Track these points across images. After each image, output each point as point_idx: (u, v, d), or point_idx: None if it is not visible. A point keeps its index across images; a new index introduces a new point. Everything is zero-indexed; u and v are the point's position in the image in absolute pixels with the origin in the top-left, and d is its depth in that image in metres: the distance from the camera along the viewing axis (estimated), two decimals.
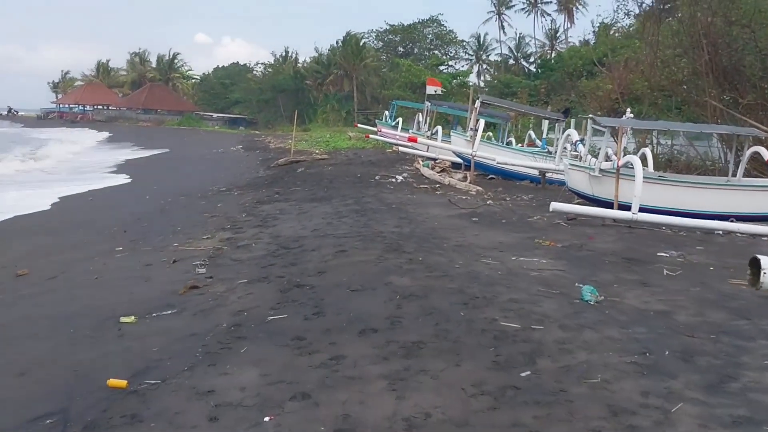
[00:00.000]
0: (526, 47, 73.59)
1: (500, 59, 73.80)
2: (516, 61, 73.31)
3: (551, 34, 73.52)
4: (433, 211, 12.00)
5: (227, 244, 9.58)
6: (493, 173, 18.30)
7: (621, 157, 11.79)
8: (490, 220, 10.96)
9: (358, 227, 9.91)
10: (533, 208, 12.84)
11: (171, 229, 11.91)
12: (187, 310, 6.06)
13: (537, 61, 69.07)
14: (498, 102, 19.21)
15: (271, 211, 12.58)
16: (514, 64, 72.23)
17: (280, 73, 72.94)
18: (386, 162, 24.03)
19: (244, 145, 40.62)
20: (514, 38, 74.09)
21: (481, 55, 75.13)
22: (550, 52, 71.62)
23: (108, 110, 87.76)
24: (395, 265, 6.91)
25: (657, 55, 19.61)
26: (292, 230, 10.19)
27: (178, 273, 7.87)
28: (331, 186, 16.18)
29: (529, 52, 73.67)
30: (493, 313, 4.98)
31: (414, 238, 8.96)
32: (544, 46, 74.34)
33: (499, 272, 6.71)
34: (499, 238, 9.26)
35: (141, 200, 17.43)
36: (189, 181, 21.62)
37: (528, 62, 72.56)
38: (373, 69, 67.03)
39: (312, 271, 7.02)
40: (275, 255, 8.23)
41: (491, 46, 74.44)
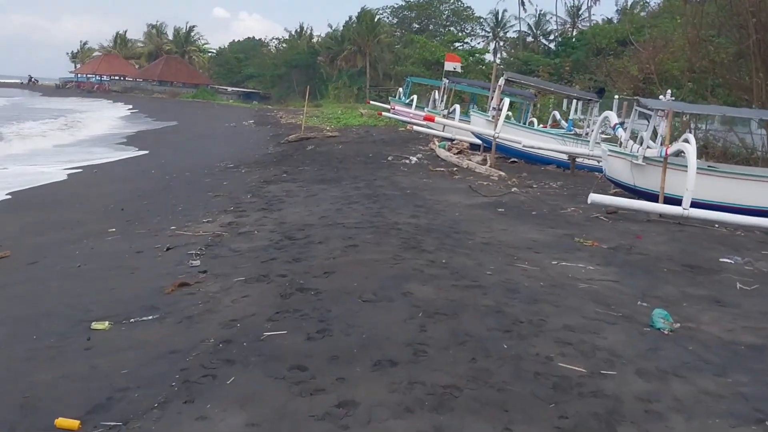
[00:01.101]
0: (546, 25, 71.52)
1: (518, 36, 71.95)
2: (535, 38, 71.41)
3: (573, 11, 71.50)
4: (452, 198, 10.98)
5: (228, 229, 8.65)
6: (516, 156, 17.18)
7: (669, 144, 10.64)
8: (517, 212, 9.93)
9: (369, 216, 8.93)
10: (565, 198, 11.77)
11: (171, 208, 11.02)
12: (172, 315, 5.14)
13: (557, 39, 67.28)
14: (524, 79, 17.97)
15: (278, 193, 11.63)
16: (532, 42, 70.34)
17: (295, 48, 72.41)
18: (399, 141, 22.93)
19: (256, 120, 39.65)
20: (533, 15, 71.92)
21: (499, 32, 73.28)
22: (572, 30, 69.81)
23: (124, 81, 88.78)
24: (414, 268, 5.93)
25: (698, 34, 18.20)
26: (298, 216, 9.24)
27: (170, 264, 6.96)
28: (341, 166, 15.17)
29: (549, 29, 71.65)
30: (547, 347, 3.97)
31: (433, 231, 7.96)
32: (566, 24, 72.35)
33: (541, 283, 5.71)
34: (532, 235, 8.24)
35: (146, 175, 16.56)
36: (197, 155, 20.74)
37: (548, 40, 70.69)
38: (387, 45, 65.68)
39: (318, 270, 6.07)
40: (278, 246, 7.28)
41: (509, 23, 72.42)
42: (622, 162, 11.52)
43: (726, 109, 13.19)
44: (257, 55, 78.78)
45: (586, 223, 9.50)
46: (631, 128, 12.05)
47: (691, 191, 9.89)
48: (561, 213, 10.20)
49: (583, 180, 14.81)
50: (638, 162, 11.17)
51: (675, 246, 8.32)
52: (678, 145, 10.87)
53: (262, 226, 8.65)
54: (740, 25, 17.94)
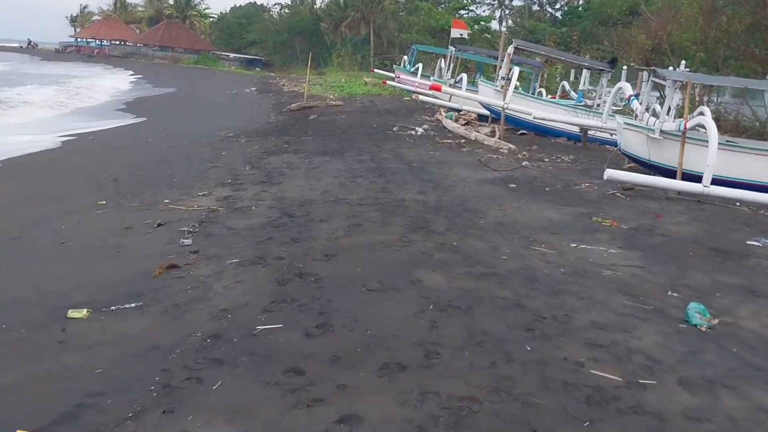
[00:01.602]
0: None
1: (524, 5, 70.51)
2: (541, 7, 70.05)
3: None
4: (461, 172, 10.45)
5: (224, 204, 8.16)
6: (525, 128, 16.56)
7: (688, 117, 10.05)
8: (530, 188, 9.41)
9: (374, 192, 8.42)
10: (578, 173, 11.23)
11: (166, 180, 10.51)
12: (157, 302, 4.69)
13: (564, 8, 66.10)
14: (534, 48, 17.23)
15: (278, 165, 11.11)
16: (538, 11, 68.97)
17: (297, 14, 70.90)
18: (404, 111, 22.26)
19: (258, 88, 38.82)
20: None
21: (504, 0, 71.82)
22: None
23: (124, 46, 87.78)
24: (423, 252, 5.45)
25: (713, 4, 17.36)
26: (299, 191, 8.74)
27: (160, 242, 6.49)
28: (344, 137, 14.60)
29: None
30: (575, 350, 3.51)
31: (442, 210, 7.47)
32: None
33: (561, 270, 5.23)
34: (547, 214, 7.74)
35: (143, 143, 15.98)
36: (197, 124, 20.13)
37: (554, 9, 69.37)
38: (391, 12, 64.24)
39: (319, 252, 5.59)
40: (277, 225, 6.80)
41: None
42: (638, 135, 10.94)
43: (746, 81, 12.54)
44: (259, 20, 77.27)
45: (602, 201, 8.99)
46: (647, 100, 11.41)
47: (712, 167, 9.36)
48: (575, 189, 9.68)
49: (595, 153, 14.23)
50: (655, 136, 10.61)
51: (698, 227, 7.82)
52: (698, 118, 10.29)
53: (260, 201, 8.16)
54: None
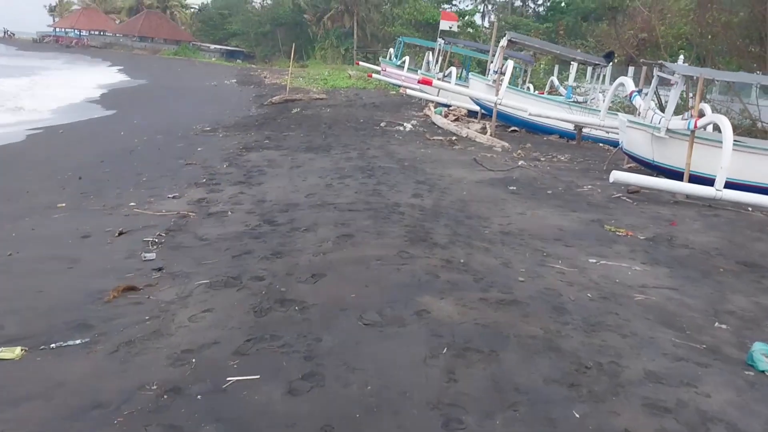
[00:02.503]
0: None
1: (507, 0, 70.14)
2: (523, 2, 69.81)
3: None
4: (456, 172, 9.70)
5: (196, 208, 7.31)
6: (516, 125, 15.87)
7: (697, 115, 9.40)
8: (531, 190, 8.68)
9: (365, 194, 7.63)
10: (578, 174, 10.55)
11: (135, 179, 9.62)
12: (107, 338, 3.85)
13: (546, 4, 65.99)
14: (529, 41, 16.51)
15: (259, 162, 10.26)
16: (521, 6, 68.69)
17: (280, 5, 69.54)
18: (390, 105, 21.46)
19: (239, 79, 37.70)
20: None
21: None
22: None
23: (104, 36, 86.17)
24: (427, 271, 4.68)
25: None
26: (281, 192, 7.91)
27: (119, 255, 5.64)
28: (329, 132, 13.77)
29: None
30: (636, 416, 2.75)
31: (442, 216, 6.70)
32: None
33: (588, 294, 4.50)
34: (555, 220, 7.02)
35: (115, 137, 14.98)
36: (173, 116, 19.12)
37: (536, 4, 69.17)
38: (375, 5, 63.27)
39: (304, 270, 4.79)
40: (255, 234, 5.98)
41: None
42: (642, 134, 10.29)
43: (762, 78, 11.93)
44: (241, 11, 75.75)
45: (609, 205, 8.31)
46: (651, 96, 10.76)
47: (726, 170, 8.73)
48: (579, 192, 8.98)
49: (591, 152, 13.59)
50: (660, 135, 9.96)
51: (717, 236, 7.17)
52: (711, 116, 9.65)
53: (237, 205, 7.32)
54: None
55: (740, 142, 10.27)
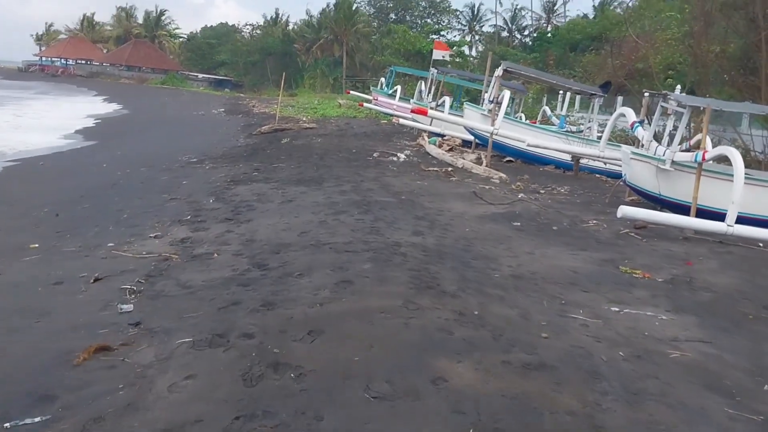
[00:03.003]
0: (522, 20, 71.35)
1: (494, 31, 71.30)
2: (510, 33, 70.95)
3: (548, 7, 71.48)
4: (455, 206, 9.26)
5: (180, 249, 6.78)
6: (512, 155, 15.56)
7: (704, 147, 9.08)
8: (536, 227, 8.25)
9: (363, 232, 7.14)
10: (580, 207, 10.16)
11: (115, 215, 9.08)
12: (72, 414, 3.29)
13: (532, 35, 67.06)
14: (524, 70, 16.30)
15: (247, 196, 9.76)
16: (507, 36, 69.70)
17: (270, 35, 70.02)
18: (382, 135, 21.14)
19: (227, 109, 37.40)
20: (510, 10, 71.98)
21: (475, 25, 72.71)
22: (546, 26, 69.63)
23: (90, 65, 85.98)
24: (439, 327, 4.18)
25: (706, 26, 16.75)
26: (271, 231, 7.41)
27: (94, 306, 5.08)
28: (321, 163, 13.33)
29: (525, 24, 71.54)
30: None
31: (446, 257, 6.22)
32: (540, 19, 72.28)
33: (620, 352, 4.02)
34: (566, 261, 6.57)
35: (97, 169, 14.47)
36: (158, 147, 18.67)
37: (522, 35, 70.28)
38: (364, 35, 63.84)
39: (300, 326, 4.27)
40: (244, 281, 5.45)
41: (485, 16, 72.25)
42: (646, 167, 9.96)
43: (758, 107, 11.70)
44: (230, 41, 76.08)
45: (619, 243, 7.88)
46: (655, 128, 10.46)
47: (738, 205, 8.37)
48: (585, 228, 8.56)
49: (590, 183, 13.26)
50: (665, 167, 9.63)
51: (737, 276, 6.75)
52: (720, 149, 9.35)
53: (224, 246, 6.80)
54: (749, 17, 16.58)
55: (751, 176, 9.96)
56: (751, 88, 16.70)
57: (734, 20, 16.59)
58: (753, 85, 16.53)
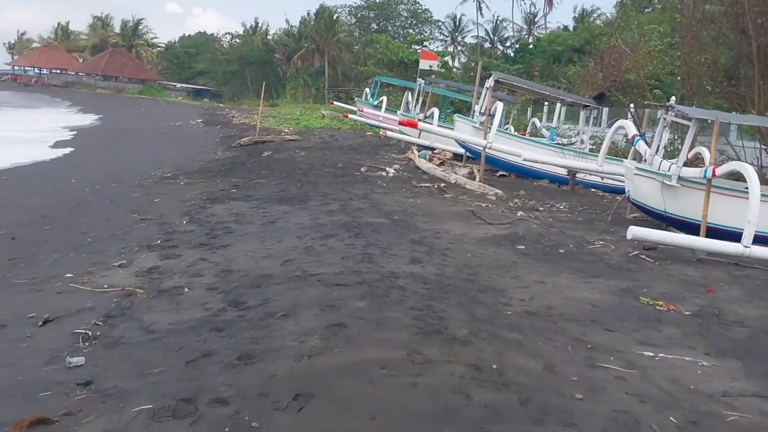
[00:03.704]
0: (503, 31, 71.70)
1: (476, 42, 71.45)
2: (492, 44, 71.18)
3: (530, 18, 71.99)
4: (453, 227, 8.57)
5: (146, 282, 5.99)
6: (505, 169, 14.96)
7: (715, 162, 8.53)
8: (541, 250, 7.58)
9: (354, 260, 6.41)
10: (583, 226, 9.53)
11: (78, 239, 8.23)
12: None
13: (514, 46, 67.32)
14: (517, 81, 15.73)
15: (224, 217, 8.98)
16: (490, 47, 69.87)
17: (249, 44, 69.03)
18: (368, 147, 20.48)
19: (205, 119, 36.46)
20: (491, 21, 72.34)
21: (457, 36, 72.85)
22: (528, 37, 70.00)
23: (65, 75, 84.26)
24: (454, 388, 3.46)
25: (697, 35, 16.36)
26: (251, 259, 6.63)
27: (37, 359, 4.27)
28: (305, 179, 12.57)
29: (506, 36, 71.90)
30: None
31: (451, 291, 5.51)
32: (522, 31, 72.68)
33: (671, 417, 3.35)
34: (581, 291, 5.90)
35: (65, 185, 13.53)
36: (131, 161, 17.73)
37: (504, 46, 70.51)
38: (346, 45, 63.28)
39: (284, 388, 3.52)
40: (218, 325, 4.68)
41: (467, 27, 72.42)
42: (651, 183, 9.40)
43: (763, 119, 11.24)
44: (209, 50, 74.95)
45: (631, 267, 7.24)
46: (659, 141, 9.90)
47: (755, 224, 7.81)
48: (592, 250, 7.92)
49: (588, 199, 12.69)
50: (671, 183, 9.08)
51: (763, 306, 6.14)
52: (732, 164, 8.81)
53: (197, 278, 6.02)
54: (740, 28, 16.25)
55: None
56: (741, 99, 16.34)
57: (724, 31, 16.24)
58: (743, 96, 16.18)
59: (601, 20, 58.62)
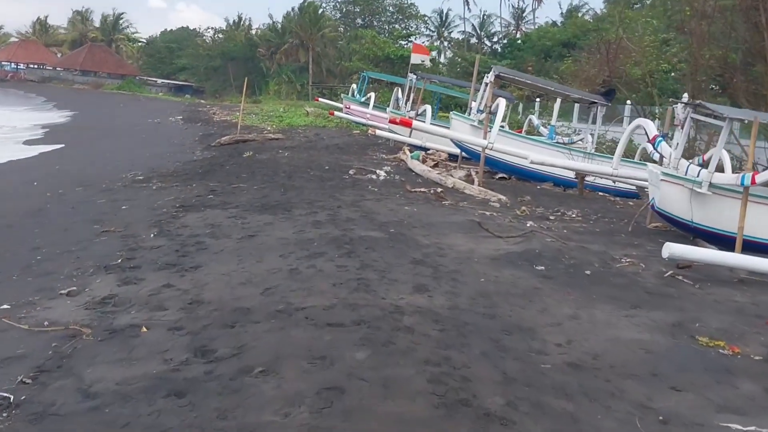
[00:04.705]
0: (491, 26, 70.99)
1: (463, 37, 70.69)
2: (479, 39, 70.48)
3: (517, 14, 71.35)
4: (458, 241, 7.53)
5: (97, 318, 4.88)
6: (504, 171, 13.97)
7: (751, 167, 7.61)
8: (564, 271, 6.57)
9: (348, 288, 5.35)
10: (603, 238, 8.55)
11: (26, 258, 7.05)
12: None
13: (501, 41, 66.66)
14: (519, 76, 14.71)
15: (198, 229, 7.88)
16: (477, 43, 69.12)
17: (232, 39, 67.42)
18: (356, 147, 19.36)
19: (185, 116, 35.05)
20: (478, 16, 71.66)
21: (443, 32, 72.03)
22: (515, 33, 69.40)
23: (43, 70, 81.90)
24: None
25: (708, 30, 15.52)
26: (225, 286, 5.55)
27: None
28: (290, 183, 11.46)
29: (493, 31, 71.24)
30: None
31: (470, 331, 4.48)
32: (510, 26, 72.09)
33: None
34: (625, 329, 4.90)
35: (25, 189, 12.26)
36: (103, 161, 16.47)
37: (491, 42, 69.83)
38: (331, 40, 61.96)
39: None
40: (178, 387, 3.60)
41: (454, 22, 71.65)
42: (679, 190, 8.44)
43: None
44: (191, 45, 73.16)
45: (670, 292, 6.25)
46: (684, 143, 8.95)
47: None
48: (621, 270, 6.92)
49: (599, 204, 11.72)
50: (701, 191, 8.14)
51: None
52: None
53: (158, 312, 4.92)
54: (753, 22, 15.45)
55: None
56: (755, 96, 15.56)
57: (736, 25, 15.45)
58: (757, 93, 15.40)
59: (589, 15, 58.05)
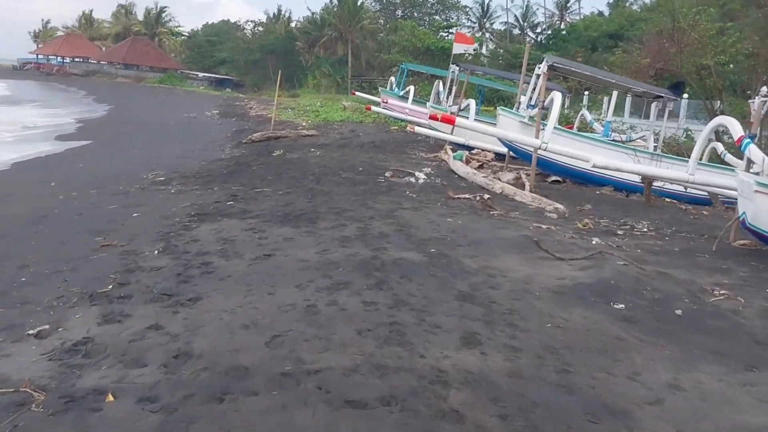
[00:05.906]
0: (534, 17, 68.85)
1: (505, 28, 68.61)
2: (522, 30, 68.43)
3: (562, 3, 68.98)
4: (512, 265, 6.26)
5: (58, 374, 3.87)
6: (559, 173, 12.55)
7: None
8: (648, 310, 5.23)
9: (376, 339, 4.18)
10: (684, 261, 7.12)
11: (7, 279, 6.08)
12: None
13: (545, 32, 64.55)
14: (576, 67, 13.21)
15: (208, 245, 6.84)
16: (519, 34, 67.05)
17: (271, 32, 67.11)
18: (393, 145, 18.14)
19: (222, 111, 34.51)
20: (521, 6, 69.57)
21: (485, 23, 70.14)
22: (559, 23, 67.20)
23: (87, 63, 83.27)
24: None
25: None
26: (224, 331, 4.45)
27: None
28: (318, 188, 10.35)
29: (536, 22, 69.09)
30: None
31: (544, 419, 3.25)
32: (553, 17, 69.82)
33: None
34: (751, 412, 3.59)
35: (39, 191, 11.46)
36: (128, 158, 15.74)
37: (534, 33, 67.60)
38: (370, 32, 60.75)
39: None
40: None
41: (496, 13, 69.75)
42: None
43: None
44: (231, 39, 73.21)
45: None
46: None
47: None
48: (715, 307, 5.54)
49: (669, 215, 10.22)
50: None
51: None
52: None
53: (134, 370, 3.85)
54: None
55: None
56: None
57: None
58: None
59: (637, 5, 55.43)
